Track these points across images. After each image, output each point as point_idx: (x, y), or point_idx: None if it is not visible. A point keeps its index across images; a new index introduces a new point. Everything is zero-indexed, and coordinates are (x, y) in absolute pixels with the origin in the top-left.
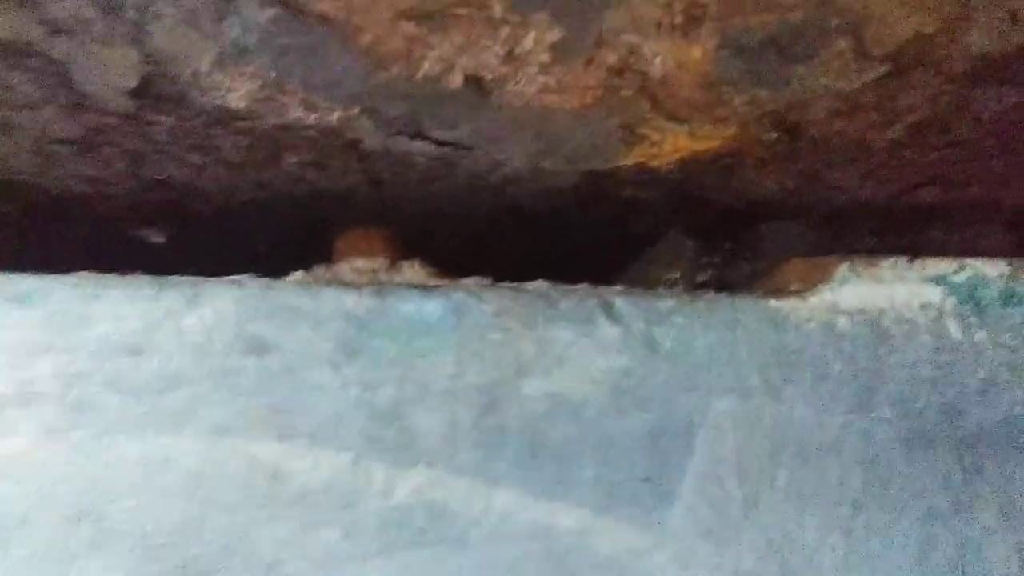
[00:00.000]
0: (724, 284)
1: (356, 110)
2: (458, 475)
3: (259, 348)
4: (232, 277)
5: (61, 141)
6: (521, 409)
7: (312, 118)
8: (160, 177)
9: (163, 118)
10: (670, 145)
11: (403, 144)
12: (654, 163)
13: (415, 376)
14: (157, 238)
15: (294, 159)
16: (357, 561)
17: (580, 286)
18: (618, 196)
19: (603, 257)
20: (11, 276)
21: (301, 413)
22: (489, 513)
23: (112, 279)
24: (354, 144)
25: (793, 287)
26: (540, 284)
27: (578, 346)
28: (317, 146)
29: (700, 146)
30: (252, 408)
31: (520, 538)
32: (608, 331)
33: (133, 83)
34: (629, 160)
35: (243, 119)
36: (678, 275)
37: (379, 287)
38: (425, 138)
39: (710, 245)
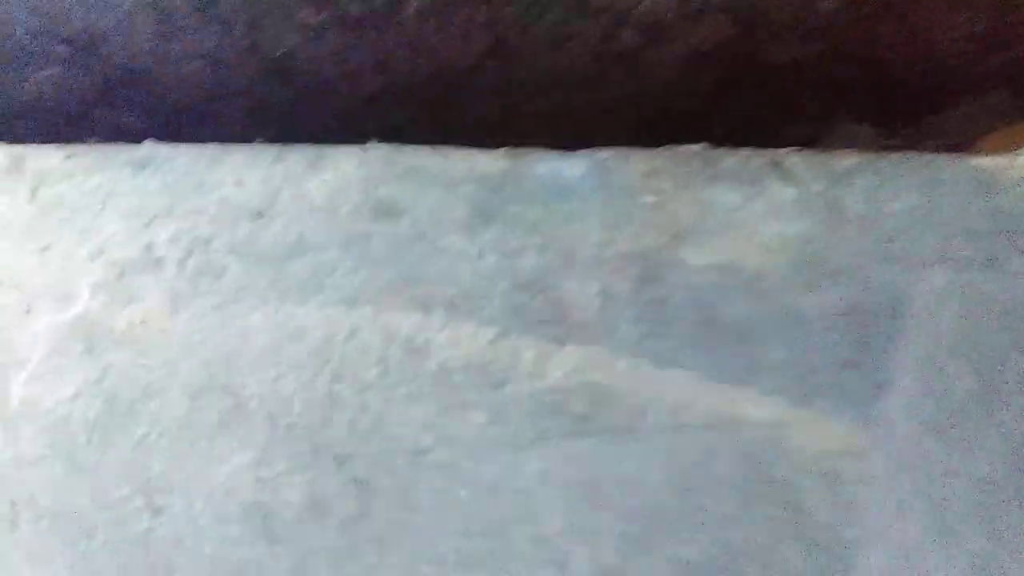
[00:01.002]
0: None
1: None
2: (619, 354)
3: (388, 212)
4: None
5: None
6: (685, 280)
7: None
8: (278, 53)
9: None
10: None
11: None
12: None
13: (559, 243)
14: None
15: (415, 4)
16: (509, 449)
17: (741, 149)
18: (774, 64)
19: None
20: (131, 145)
21: (437, 282)
22: (660, 399)
23: (233, 145)
24: None
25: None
26: (695, 146)
27: (746, 210)
28: None
29: None
30: (384, 276)
31: (701, 430)
32: (781, 192)
33: None
34: None
35: None
36: None
37: (510, 149)
38: None
39: (888, 131)
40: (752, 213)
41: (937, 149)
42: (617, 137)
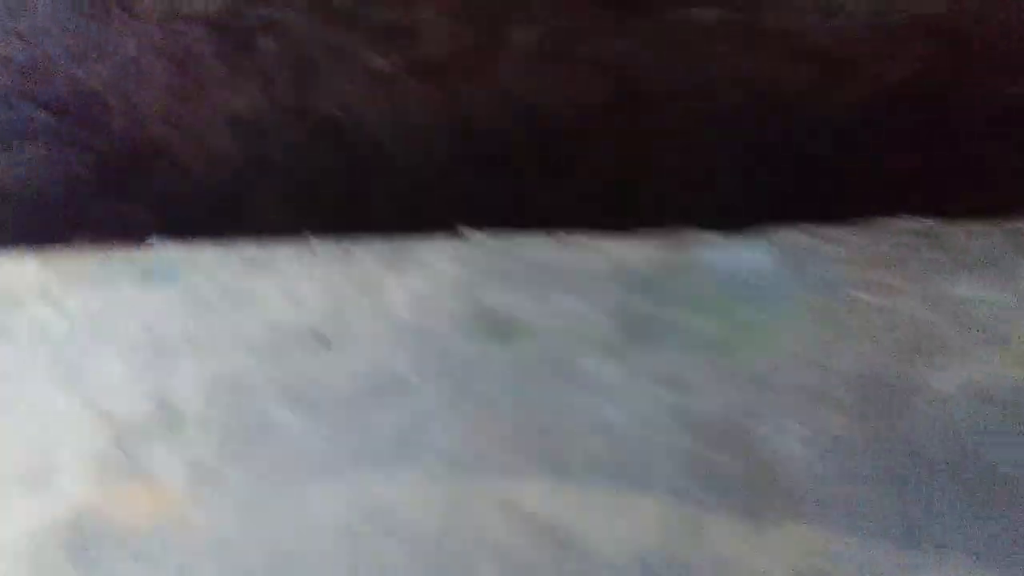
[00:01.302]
0: None
1: None
2: (856, 535)
3: (501, 329)
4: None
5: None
6: (935, 415)
7: None
8: (334, 112)
9: None
10: None
11: None
12: None
13: (748, 366)
14: None
15: (516, 41)
16: None
17: (975, 222)
18: (986, 103)
19: None
20: (149, 249)
21: (576, 432)
22: None
23: (282, 244)
24: None
25: None
26: (911, 220)
27: (1005, 309)
28: None
29: None
30: (500, 426)
31: None
32: None
33: None
34: None
35: None
36: None
37: (671, 232)
38: None
39: None
40: (1015, 314)
41: None
42: (783, 204)
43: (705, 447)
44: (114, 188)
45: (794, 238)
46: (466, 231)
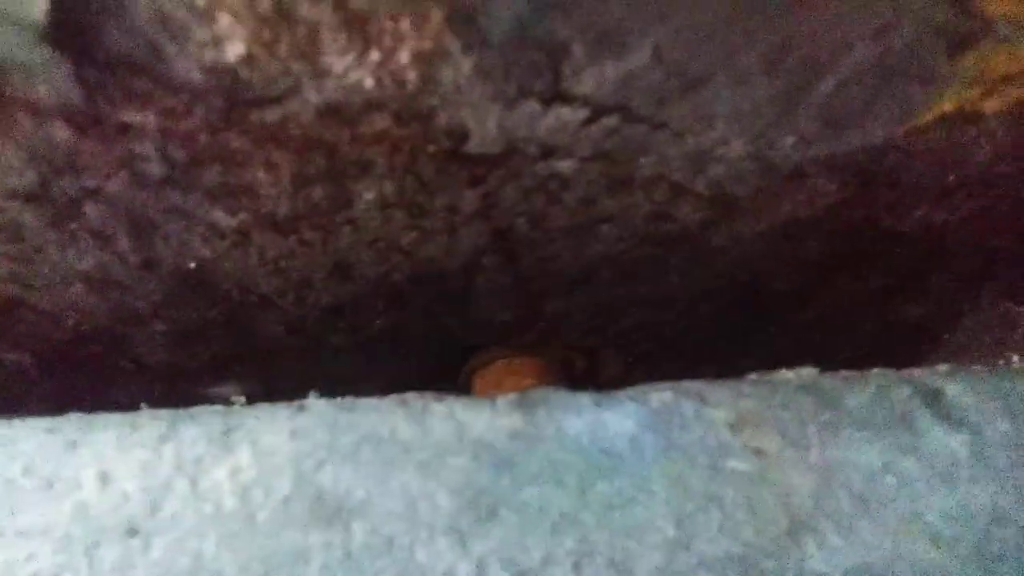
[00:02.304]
0: None
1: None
2: None
3: (334, 512)
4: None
5: None
6: None
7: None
8: (189, 266)
9: None
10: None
11: (533, 123)
12: (986, 106)
13: (606, 548)
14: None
15: (368, 197)
16: None
17: (872, 371)
18: (898, 233)
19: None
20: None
21: None
22: None
23: (100, 417)
24: (451, 150)
25: None
26: (802, 372)
27: (896, 476)
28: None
29: None
30: None
31: None
32: (942, 441)
33: None
34: (947, 104)
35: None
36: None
37: (524, 397)
38: (571, 101)
39: None
40: (907, 480)
41: None
42: (674, 345)
43: None
44: None
45: (664, 398)
46: (310, 398)
